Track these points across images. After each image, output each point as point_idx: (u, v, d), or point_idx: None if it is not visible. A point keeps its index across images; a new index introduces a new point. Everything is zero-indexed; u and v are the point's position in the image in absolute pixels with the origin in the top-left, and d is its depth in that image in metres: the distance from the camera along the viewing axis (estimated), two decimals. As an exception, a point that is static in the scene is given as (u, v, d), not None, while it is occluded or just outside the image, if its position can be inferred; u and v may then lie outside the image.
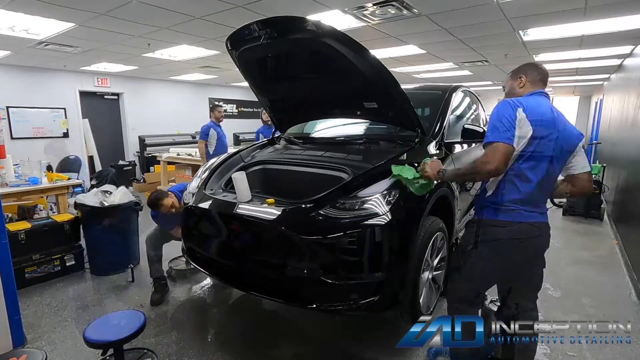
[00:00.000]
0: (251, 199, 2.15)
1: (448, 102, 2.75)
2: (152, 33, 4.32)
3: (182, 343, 2.26)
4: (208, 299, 2.87)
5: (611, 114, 6.82)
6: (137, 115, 8.48)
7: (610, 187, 5.15)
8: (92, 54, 5.48)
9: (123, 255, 3.29)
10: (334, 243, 1.78)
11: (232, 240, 2.14)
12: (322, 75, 2.38)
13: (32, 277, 3.02)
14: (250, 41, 2.24)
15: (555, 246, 3.90)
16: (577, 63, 6.49)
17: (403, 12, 3.55)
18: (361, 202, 1.84)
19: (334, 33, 1.97)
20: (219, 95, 10.49)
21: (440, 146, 2.46)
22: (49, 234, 3.13)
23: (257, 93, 2.82)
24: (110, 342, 1.73)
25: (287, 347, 2.23)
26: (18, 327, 2.22)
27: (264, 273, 2.01)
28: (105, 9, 3.45)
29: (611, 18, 3.70)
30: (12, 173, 3.60)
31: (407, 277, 1.92)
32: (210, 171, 2.58)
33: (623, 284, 3.01)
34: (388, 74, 2.10)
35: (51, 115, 7.00)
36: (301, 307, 1.95)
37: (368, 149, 2.51)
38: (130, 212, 3.38)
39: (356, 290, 1.82)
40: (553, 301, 2.75)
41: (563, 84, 9.94)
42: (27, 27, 4.07)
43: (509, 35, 4.43)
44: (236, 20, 3.59)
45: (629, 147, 4.25)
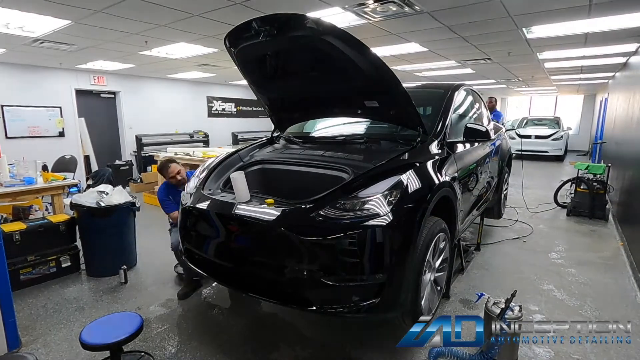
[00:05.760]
0: (250, 200, 2.12)
1: (450, 100, 2.73)
2: (149, 30, 4.27)
3: (181, 345, 2.23)
4: (207, 301, 2.83)
5: (616, 112, 6.78)
6: (134, 114, 8.43)
7: (615, 188, 5.12)
8: (89, 51, 5.44)
9: (120, 256, 3.25)
10: (334, 244, 1.75)
11: (231, 241, 2.11)
12: (322, 73, 2.35)
13: (27, 279, 2.98)
14: (249, 39, 2.21)
15: (559, 247, 3.87)
16: (582, 61, 6.45)
17: (404, 9, 3.52)
18: (362, 203, 1.82)
19: (334, 30, 1.95)
20: (217, 93, 10.45)
21: (443, 146, 2.44)
22: (45, 234, 3.09)
23: (256, 91, 2.78)
24: (107, 344, 1.70)
25: (286, 349, 2.20)
26: (13, 330, 2.19)
27: (263, 274, 1.98)
28: (102, 6, 3.41)
29: (616, 15, 3.67)
30: (7, 173, 3.56)
31: (408, 279, 1.90)
32: (209, 171, 2.55)
33: (628, 286, 2.98)
34: (389, 72, 2.08)
35: (47, 114, 6.97)
36: (301, 309, 1.93)
37: (369, 148, 2.48)
38: (127, 213, 3.34)
39: (357, 292, 1.80)
40: (557, 302, 2.72)
41: (567, 82, 9.90)
42: (22, 25, 4.03)
43: (512, 32, 4.39)
44: (235, 18, 3.56)
45: (635, 147, 4.21)
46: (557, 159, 10.75)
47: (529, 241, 4.03)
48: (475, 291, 2.57)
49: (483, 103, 3.74)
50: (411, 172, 2.00)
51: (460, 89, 2.96)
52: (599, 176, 4.94)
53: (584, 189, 4.90)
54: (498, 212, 4.21)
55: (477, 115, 3.44)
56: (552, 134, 10.69)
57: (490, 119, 3.93)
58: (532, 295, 2.80)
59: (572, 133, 12.29)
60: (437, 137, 2.44)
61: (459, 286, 2.92)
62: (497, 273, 3.21)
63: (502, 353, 1.87)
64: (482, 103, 3.71)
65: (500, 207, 4.24)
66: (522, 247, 3.86)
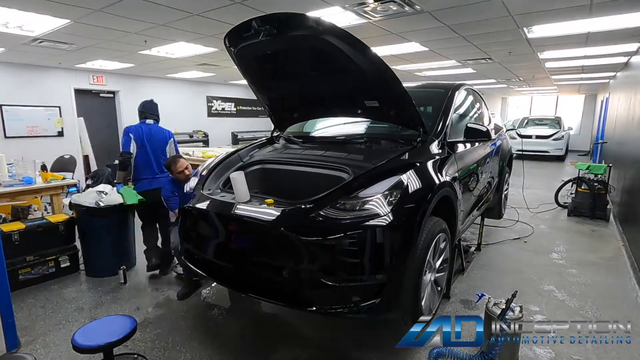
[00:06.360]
0: (250, 200, 2.11)
1: (451, 100, 2.72)
2: (148, 30, 4.26)
3: (179, 347, 2.22)
4: (206, 301, 2.82)
5: (617, 112, 6.76)
6: (133, 114, 8.32)
7: (616, 188, 5.10)
8: (88, 51, 5.42)
9: (119, 256, 3.24)
10: (334, 244, 1.75)
11: (231, 242, 2.10)
12: (322, 73, 2.34)
13: (26, 279, 2.97)
14: (249, 38, 2.20)
15: (560, 247, 3.86)
16: (583, 61, 6.44)
17: (405, 8, 3.50)
18: (362, 203, 1.81)
19: (334, 30, 1.94)
20: (217, 93, 10.44)
21: (443, 145, 2.44)
22: (44, 234, 3.08)
23: (256, 91, 2.77)
24: (99, 346, 1.68)
25: (286, 350, 2.19)
26: (12, 330, 2.18)
27: (263, 275, 1.98)
28: (101, 5, 3.40)
29: (617, 15, 3.65)
30: (6, 173, 3.55)
31: (408, 279, 1.89)
32: (209, 171, 2.54)
33: (629, 287, 2.97)
34: (390, 71, 2.06)
35: (46, 113, 6.96)
36: (301, 310, 1.92)
37: (369, 148, 2.47)
38: (127, 213, 3.32)
39: (357, 292, 1.79)
40: (557, 303, 2.71)
41: (568, 82, 9.87)
42: (21, 24, 4.02)
43: (513, 32, 4.38)
44: (235, 17, 3.55)
45: (636, 147, 4.20)
46: (558, 159, 10.74)
47: (530, 241, 4.02)
48: (476, 292, 2.55)
49: (484, 103, 3.73)
50: (411, 172, 1.99)
51: (461, 89, 2.95)
52: (600, 176, 4.93)
53: (585, 189, 4.89)
54: (499, 213, 4.21)
55: (478, 115, 3.43)
56: (553, 134, 10.68)
57: (491, 119, 3.92)
58: (533, 296, 2.79)
59: (573, 133, 12.28)
60: (438, 137, 2.43)
61: (460, 287, 2.91)
62: (497, 273, 3.20)
63: (502, 354, 1.86)
64: (483, 103, 3.70)
65: (501, 208, 4.23)
66: (522, 248, 3.85)
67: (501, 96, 15.46)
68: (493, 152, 3.47)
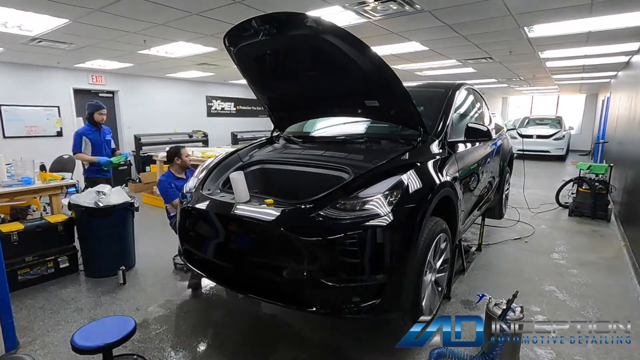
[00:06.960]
0: (249, 200, 2.10)
1: (451, 100, 2.72)
2: (147, 29, 4.25)
3: (178, 347, 2.21)
4: (205, 302, 2.81)
5: (618, 112, 6.75)
6: (132, 114, 8.41)
7: (617, 188, 5.09)
8: (87, 50, 5.41)
9: (118, 257, 3.23)
10: (335, 245, 1.74)
11: (230, 242, 2.10)
12: (322, 72, 2.34)
13: (25, 280, 2.96)
14: (248, 38, 2.20)
15: (561, 247, 3.85)
16: (584, 60, 6.42)
17: (405, 7, 3.49)
18: (362, 203, 1.81)
19: (334, 29, 1.94)
20: (216, 93, 10.42)
21: (443, 145, 2.43)
22: (43, 235, 3.07)
23: (255, 91, 2.77)
24: (98, 347, 1.67)
25: (286, 350, 2.18)
26: (10, 331, 2.17)
27: (263, 275, 1.97)
28: (100, 5, 3.38)
29: (618, 14, 3.64)
30: (5, 173, 3.53)
31: (409, 280, 1.88)
32: (208, 171, 2.53)
33: (630, 287, 2.96)
34: (390, 71, 2.06)
35: (44, 113, 6.95)
36: (300, 310, 1.91)
37: (369, 148, 2.47)
38: (126, 213, 3.31)
39: (357, 292, 1.79)
40: (558, 303, 2.70)
41: (569, 81, 9.85)
42: (20, 24, 4.01)
43: (514, 31, 4.37)
44: (234, 17, 3.54)
45: (637, 146, 4.18)
46: (558, 158, 10.73)
47: (531, 242, 4.01)
48: (477, 292, 2.55)
49: (484, 102, 3.72)
50: (412, 172, 1.98)
51: (462, 88, 2.94)
52: (601, 176, 4.91)
53: (586, 189, 4.88)
54: (499, 213, 4.20)
55: (479, 114, 3.42)
56: (554, 133, 10.67)
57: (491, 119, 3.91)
58: (533, 296, 2.78)
59: (574, 133, 12.27)
60: (438, 137, 2.42)
61: (460, 287, 2.90)
62: (498, 274, 3.19)
63: (503, 354, 1.85)
64: (484, 102, 3.69)
65: (502, 208, 4.22)
66: (523, 248, 3.84)
67: (502, 96, 15.44)
68: (494, 152, 3.46)
